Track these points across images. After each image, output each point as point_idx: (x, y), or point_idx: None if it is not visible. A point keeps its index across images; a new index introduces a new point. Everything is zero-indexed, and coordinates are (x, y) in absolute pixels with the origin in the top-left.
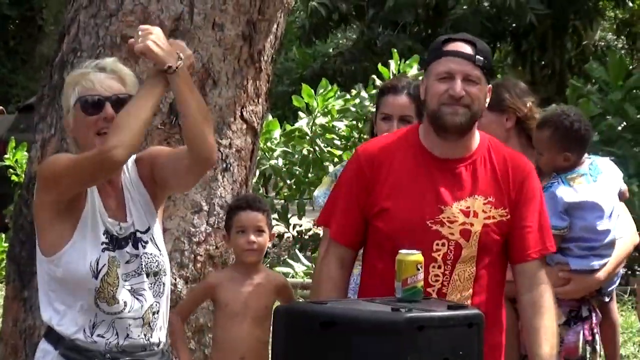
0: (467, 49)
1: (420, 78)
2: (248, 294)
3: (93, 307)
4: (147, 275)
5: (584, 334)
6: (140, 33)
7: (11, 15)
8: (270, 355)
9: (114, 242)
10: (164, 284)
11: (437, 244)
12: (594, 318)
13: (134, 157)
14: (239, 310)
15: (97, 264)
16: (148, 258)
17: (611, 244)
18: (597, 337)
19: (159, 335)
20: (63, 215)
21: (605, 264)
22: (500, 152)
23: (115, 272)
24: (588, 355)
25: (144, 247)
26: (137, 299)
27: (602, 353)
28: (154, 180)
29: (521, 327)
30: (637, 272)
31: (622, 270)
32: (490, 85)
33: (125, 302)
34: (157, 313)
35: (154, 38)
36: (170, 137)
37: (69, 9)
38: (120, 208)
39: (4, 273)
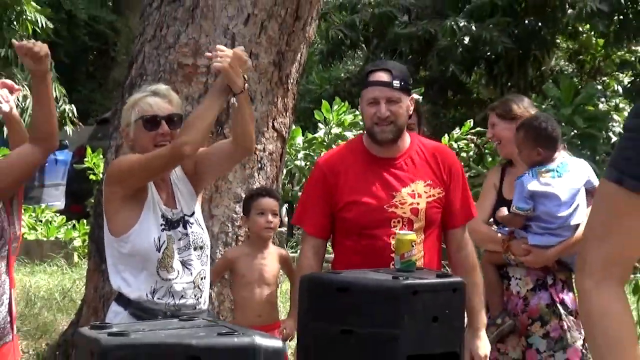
0: (385, 77)
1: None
2: (260, 265)
3: (154, 275)
4: (195, 249)
5: (545, 299)
6: (218, 53)
7: (91, 47)
8: (292, 313)
9: (169, 224)
10: (207, 255)
11: (394, 222)
12: (558, 286)
13: None
14: (254, 279)
15: (159, 240)
16: (195, 235)
17: (568, 228)
18: (559, 304)
19: (205, 296)
20: (129, 204)
21: (560, 243)
22: (428, 145)
23: (172, 247)
24: (548, 317)
25: (191, 227)
26: (187, 268)
27: (567, 317)
28: (196, 173)
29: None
30: None
31: None
32: (412, 96)
33: (178, 271)
34: (204, 278)
35: (231, 62)
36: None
37: (136, 42)
38: (170, 198)
39: (86, 250)
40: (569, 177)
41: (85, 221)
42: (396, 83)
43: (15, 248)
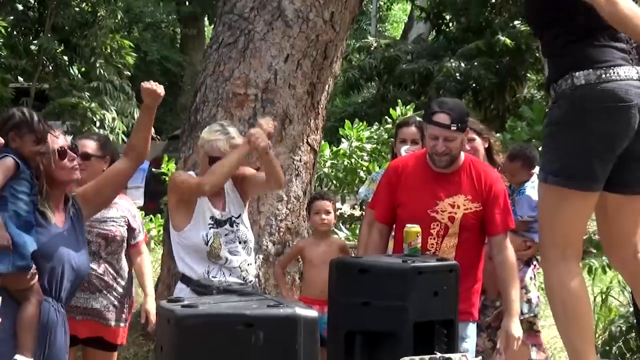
0: (446, 119)
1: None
2: (323, 252)
3: (206, 261)
4: (240, 242)
5: (528, 272)
6: (257, 135)
7: (164, 81)
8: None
9: (217, 223)
10: (250, 248)
11: (433, 225)
12: (536, 265)
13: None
14: (318, 263)
15: (207, 236)
16: (240, 232)
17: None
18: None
19: (250, 277)
20: (183, 207)
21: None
22: (477, 167)
23: (219, 241)
24: (531, 285)
25: (237, 226)
26: (234, 256)
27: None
28: (242, 188)
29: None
30: None
31: None
32: (467, 129)
33: (226, 258)
34: (250, 264)
35: (264, 137)
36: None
37: (200, 76)
38: (222, 203)
39: (161, 238)
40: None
41: (159, 215)
42: (454, 126)
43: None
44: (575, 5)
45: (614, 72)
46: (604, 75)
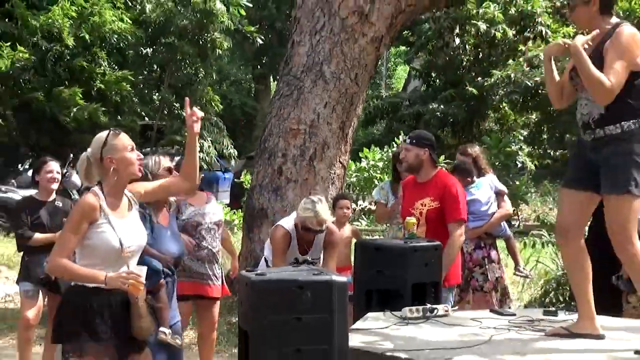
0: (407, 139)
1: None
2: (342, 234)
3: None
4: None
5: (480, 254)
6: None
7: (243, 120)
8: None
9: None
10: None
11: (413, 215)
12: (486, 247)
13: None
14: (340, 243)
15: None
16: None
17: (487, 216)
18: (490, 257)
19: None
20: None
21: (484, 224)
22: (442, 177)
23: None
24: (483, 264)
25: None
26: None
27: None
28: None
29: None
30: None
31: (505, 225)
32: (425, 149)
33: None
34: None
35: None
36: None
37: (267, 116)
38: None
39: (241, 226)
40: (483, 189)
41: (240, 210)
42: (408, 141)
43: None
44: None
45: None
46: None
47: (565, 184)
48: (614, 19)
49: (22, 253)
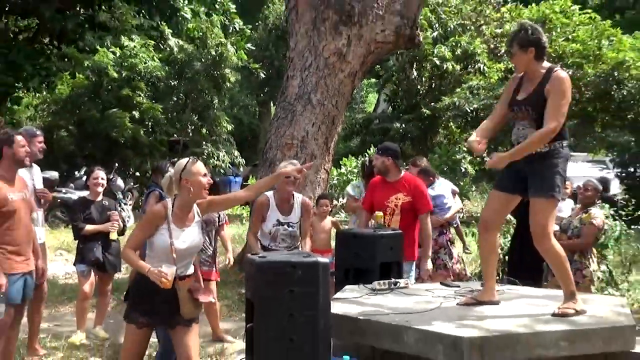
0: (377, 150)
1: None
2: (323, 225)
3: (269, 243)
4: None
5: (443, 238)
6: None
7: (250, 137)
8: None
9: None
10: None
11: (387, 210)
12: (448, 233)
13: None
14: (320, 231)
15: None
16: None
17: (447, 209)
18: (450, 240)
19: (293, 244)
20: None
21: (445, 215)
22: (408, 178)
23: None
24: (446, 246)
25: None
26: (282, 241)
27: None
28: None
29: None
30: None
31: (459, 217)
32: (388, 157)
33: (283, 239)
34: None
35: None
36: None
37: (268, 134)
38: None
39: (248, 217)
40: (443, 187)
41: (248, 205)
42: (377, 153)
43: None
44: None
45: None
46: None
47: (496, 187)
48: (546, 64)
49: (77, 241)
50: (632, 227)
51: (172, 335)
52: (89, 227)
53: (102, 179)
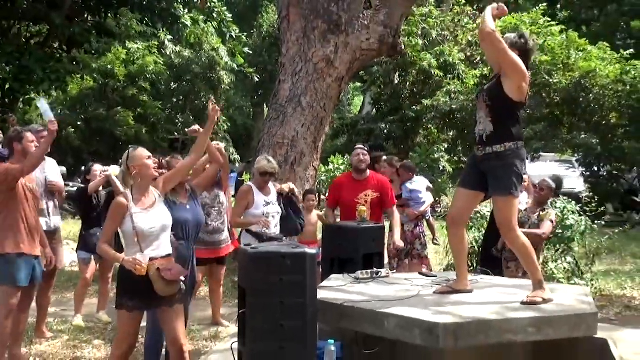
0: (364, 148)
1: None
2: (310, 218)
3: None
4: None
5: (418, 230)
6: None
7: (245, 135)
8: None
9: (266, 204)
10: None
11: (358, 205)
12: (422, 225)
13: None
14: (308, 224)
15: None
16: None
17: (422, 203)
18: (424, 232)
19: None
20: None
21: (420, 208)
22: (376, 176)
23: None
24: (421, 236)
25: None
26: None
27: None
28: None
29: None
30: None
31: (429, 210)
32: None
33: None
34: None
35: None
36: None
37: (261, 134)
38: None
39: None
40: (419, 183)
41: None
42: (365, 148)
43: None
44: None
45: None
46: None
47: (461, 184)
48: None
49: (80, 228)
50: (596, 222)
51: (159, 316)
52: (92, 184)
53: (100, 172)
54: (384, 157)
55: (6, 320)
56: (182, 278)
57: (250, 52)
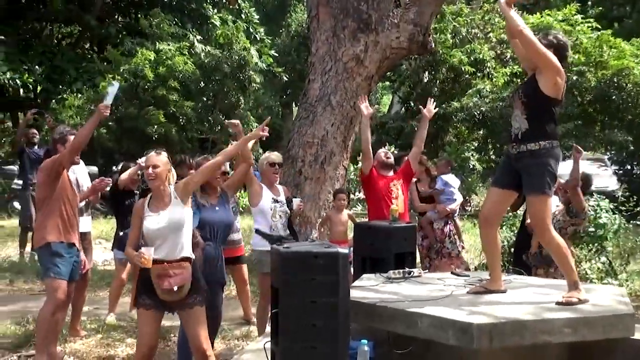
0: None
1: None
2: (340, 218)
3: (270, 222)
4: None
5: (448, 228)
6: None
7: (274, 136)
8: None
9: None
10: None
11: (393, 192)
12: (451, 224)
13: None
14: (338, 223)
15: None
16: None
17: (454, 200)
18: (453, 230)
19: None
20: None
21: (452, 205)
22: (401, 170)
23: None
24: (452, 236)
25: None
26: (282, 224)
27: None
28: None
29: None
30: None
31: (458, 210)
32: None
33: (281, 224)
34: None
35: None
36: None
37: (291, 134)
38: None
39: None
40: (454, 180)
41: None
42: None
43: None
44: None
45: None
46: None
47: (494, 184)
48: None
49: (115, 229)
50: (631, 221)
51: (180, 318)
52: (123, 176)
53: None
54: None
55: (52, 316)
56: (183, 283)
57: (277, 54)
